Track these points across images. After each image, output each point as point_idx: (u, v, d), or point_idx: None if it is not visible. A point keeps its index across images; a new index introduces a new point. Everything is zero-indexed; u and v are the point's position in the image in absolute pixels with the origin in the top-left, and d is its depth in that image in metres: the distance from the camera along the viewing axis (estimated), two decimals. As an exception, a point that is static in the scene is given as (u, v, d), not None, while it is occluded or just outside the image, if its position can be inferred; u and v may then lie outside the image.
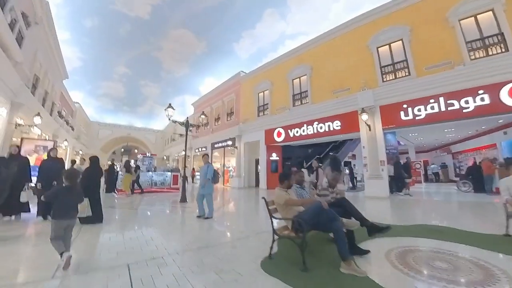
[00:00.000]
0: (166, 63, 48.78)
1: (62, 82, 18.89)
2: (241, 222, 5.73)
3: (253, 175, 16.19)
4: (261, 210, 6.60)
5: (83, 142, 27.43)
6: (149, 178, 11.61)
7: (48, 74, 14.39)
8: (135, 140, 34.70)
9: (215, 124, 19.47)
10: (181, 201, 8.22)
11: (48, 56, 13.80)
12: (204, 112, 9.81)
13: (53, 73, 15.40)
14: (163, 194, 10.97)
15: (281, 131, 13.44)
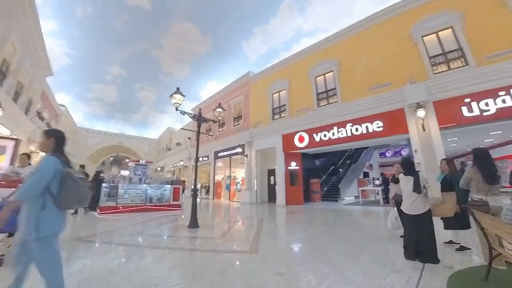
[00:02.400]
0: (166, 64, 44.32)
1: (45, 80, 16.10)
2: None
3: (266, 189, 13.60)
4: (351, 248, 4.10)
5: (69, 150, 24.13)
6: (143, 192, 8.86)
7: (26, 64, 11.68)
8: (127, 150, 31.53)
9: (219, 130, 16.98)
10: (190, 226, 5.60)
11: (26, 41, 11.16)
12: (221, 104, 7.42)
13: (33, 65, 12.68)
14: (160, 213, 8.25)
15: (304, 136, 11.10)
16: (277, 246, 4.07)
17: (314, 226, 5.82)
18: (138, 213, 8.30)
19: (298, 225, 5.95)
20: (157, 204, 9.06)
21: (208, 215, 8.30)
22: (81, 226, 5.57)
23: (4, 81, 10.00)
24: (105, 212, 7.91)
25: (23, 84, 12.13)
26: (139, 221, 6.61)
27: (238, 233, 5.15)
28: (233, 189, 15.01)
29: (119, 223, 6.22)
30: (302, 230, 5.28)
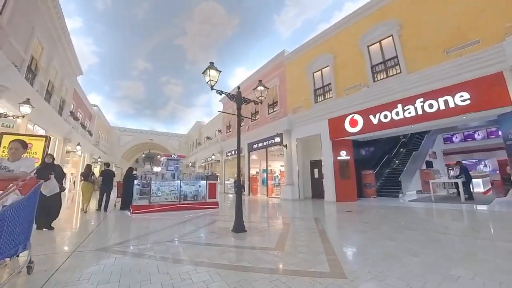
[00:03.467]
0: (190, 52, 44.04)
1: (76, 79, 16.73)
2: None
3: (309, 183, 12.36)
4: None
5: (103, 149, 25.51)
6: (177, 188, 8.30)
7: (54, 62, 11.93)
8: (157, 147, 32.53)
9: (252, 120, 16.04)
10: (235, 230, 4.71)
11: (51, 38, 11.33)
12: (262, 82, 6.36)
13: (61, 64, 13.02)
14: (196, 212, 7.59)
15: (357, 119, 9.57)
16: (369, 263, 2.91)
17: (399, 231, 4.51)
18: (172, 212, 7.74)
19: (375, 230, 4.68)
20: (192, 202, 8.44)
21: (251, 215, 7.42)
22: (111, 230, 5.02)
23: (35, 80, 10.19)
24: (137, 211, 7.48)
25: (53, 84, 12.46)
26: (174, 222, 5.94)
27: (298, 240, 4.09)
28: (271, 184, 14.03)
29: (152, 225, 5.60)
30: (387, 237, 4.02)
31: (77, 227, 5.43)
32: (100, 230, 4.96)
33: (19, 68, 8.72)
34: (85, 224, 5.69)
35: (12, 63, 7.57)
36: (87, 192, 7.94)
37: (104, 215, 7.18)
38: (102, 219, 6.21)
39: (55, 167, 4.86)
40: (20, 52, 8.68)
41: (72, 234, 4.66)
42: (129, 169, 9.02)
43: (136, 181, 7.86)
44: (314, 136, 11.23)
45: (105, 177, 8.35)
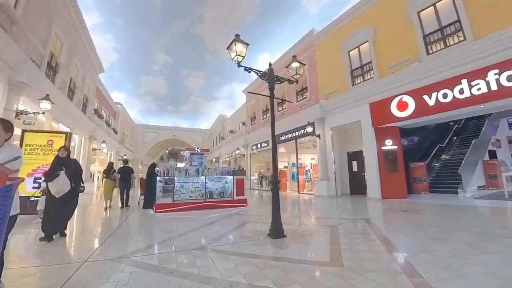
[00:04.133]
0: (210, 41, 43.39)
1: (98, 77, 17.10)
2: None
3: (346, 177, 11.28)
4: None
5: (128, 146, 26.35)
6: (202, 185, 7.83)
7: (74, 59, 12.08)
8: (181, 143, 33.02)
9: (279, 109, 15.19)
10: (273, 234, 4.01)
11: (70, 34, 11.41)
12: (297, 57, 5.51)
13: (82, 60, 13.20)
14: (224, 211, 7.05)
15: (407, 100, 8.31)
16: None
17: (491, 239, 3.50)
18: (197, 210, 7.29)
19: (455, 238, 3.69)
20: (218, 199, 7.92)
21: (286, 215, 6.70)
22: (130, 234, 4.60)
23: (56, 77, 10.30)
24: (161, 210, 7.12)
25: (75, 81, 12.67)
26: (200, 223, 5.41)
27: (357, 251, 3.27)
28: (302, 179, 13.15)
29: (176, 226, 5.11)
30: (480, 248, 3.05)
31: (96, 229, 5.11)
32: (119, 233, 4.55)
33: (39, 65, 8.78)
34: (104, 226, 5.37)
35: (30, 58, 7.54)
36: (109, 189, 8.23)
37: (126, 215, 6.92)
38: (123, 220, 5.89)
39: (70, 162, 4.22)
40: (38, 48, 8.72)
41: (88, 237, 4.29)
42: (152, 165, 8.74)
43: (159, 177, 7.51)
44: (352, 123, 10.11)
45: (123, 174, 8.42)
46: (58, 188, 3.63)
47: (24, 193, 6.91)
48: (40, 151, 7.20)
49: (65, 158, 4.20)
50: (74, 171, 4.18)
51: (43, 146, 7.22)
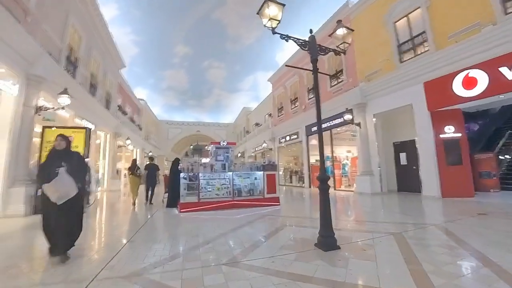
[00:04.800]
0: (231, 26, 41.50)
1: (119, 72, 17.30)
2: None
3: (393, 172, 10.05)
4: None
5: (153, 143, 26.92)
6: (229, 182, 7.25)
7: (94, 53, 12.09)
8: (205, 138, 33.17)
9: (309, 97, 14.14)
10: (324, 246, 3.24)
11: (88, 27, 11.36)
12: (342, 22, 4.60)
13: (102, 55, 13.24)
14: (254, 211, 6.40)
15: (475, 75, 6.91)
16: None
17: None
18: (225, 210, 6.73)
19: None
20: (247, 198, 7.29)
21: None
22: (151, 240, 4.09)
23: (76, 72, 10.29)
24: (185, 209, 6.66)
25: (97, 77, 12.74)
26: (229, 225, 4.79)
27: (450, 275, 2.39)
28: (338, 173, 12.09)
29: (202, 230, 4.54)
30: None
31: (114, 232, 4.72)
32: (139, 239, 4.08)
33: (57, 59, 8.73)
34: (124, 228, 4.97)
35: (46, 52, 7.42)
36: (134, 186, 8.61)
37: (148, 214, 6.57)
38: (145, 222, 5.48)
39: (72, 156, 3.21)
40: (55, 41, 8.64)
41: (102, 245, 3.85)
42: (175, 161, 8.35)
43: (183, 174, 7.05)
44: (401, 108, 8.85)
45: (149, 171, 8.70)
46: (61, 192, 2.80)
47: (47, 192, 6.85)
48: (61, 147, 7.09)
49: (63, 150, 3.17)
50: (77, 169, 3.12)
51: (64, 142, 7.10)
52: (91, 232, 4.68)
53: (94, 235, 4.51)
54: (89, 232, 4.57)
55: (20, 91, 6.82)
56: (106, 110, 13.75)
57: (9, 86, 6.56)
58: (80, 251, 3.32)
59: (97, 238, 4.27)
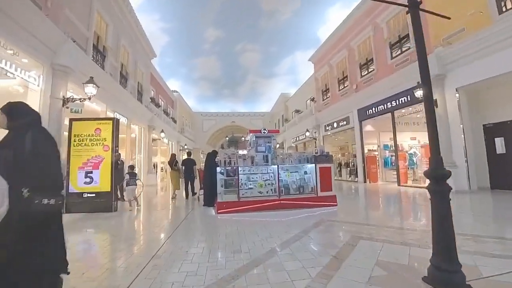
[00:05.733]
0: (265, 0, 39.80)
1: (151, 63, 17.29)
2: None
3: (484, 163, 8.08)
4: None
5: (188, 135, 27.22)
6: (273, 177, 6.29)
7: (123, 42, 11.92)
8: (240, 129, 32.78)
9: (362, 74, 12.39)
10: (439, 282, 2.07)
11: (115, 14, 11.11)
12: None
13: (131, 44, 13.07)
14: (307, 213, 5.36)
15: None
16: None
17: None
18: (270, 211, 5.78)
19: None
20: (297, 196, 6.25)
21: (409, 225, 4.62)
22: (180, 254, 3.30)
23: (105, 62, 10.12)
24: (224, 210, 5.88)
25: (127, 67, 12.62)
26: (280, 235, 3.81)
27: None
28: (403, 165, 10.32)
29: (245, 240, 3.64)
30: None
31: (139, 239, 4.06)
32: (167, 251, 3.32)
33: (84, 48, 8.53)
34: (151, 236, 4.29)
35: (70, 39, 7.12)
36: (174, 180, 9.20)
37: (185, 214, 5.95)
38: (176, 227, 4.77)
39: (16, 140, 1.65)
40: (80, 28, 8.41)
41: (123, 260, 3.15)
42: (211, 153, 7.63)
43: (219, 168, 6.25)
44: (498, 78, 6.88)
45: (186, 167, 9.00)
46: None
47: (77, 189, 6.64)
48: (88, 141, 6.80)
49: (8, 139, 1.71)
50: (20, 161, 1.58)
51: (91, 135, 6.80)
52: (113, 236, 4.10)
53: (115, 242, 3.90)
54: (112, 234, 3.98)
55: (46, 82, 6.63)
56: (139, 102, 13.72)
57: (34, 77, 6.37)
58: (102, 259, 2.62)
59: (118, 250, 3.61)
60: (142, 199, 9.40)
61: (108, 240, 4.16)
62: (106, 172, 6.69)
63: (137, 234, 4.58)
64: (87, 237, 4.41)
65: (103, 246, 3.81)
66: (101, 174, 6.68)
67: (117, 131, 6.91)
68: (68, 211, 6.45)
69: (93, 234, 4.57)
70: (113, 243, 3.93)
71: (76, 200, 6.55)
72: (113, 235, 4.41)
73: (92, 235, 4.51)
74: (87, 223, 5.31)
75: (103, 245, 3.87)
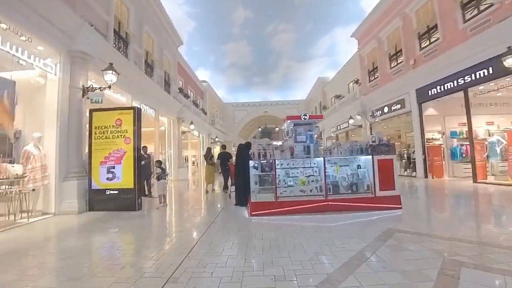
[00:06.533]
0: None
1: (178, 51, 16.99)
2: None
3: None
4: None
5: (219, 128, 27.03)
6: (318, 172, 5.35)
7: (146, 28, 11.59)
8: (273, 119, 31.85)
9: (421, 46, 10.64)
10: None
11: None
12: None
13: (155, 30, 12.71)
14: (366, 219, 4.39)
15: None
16: None
17: None
18: (316, 215, 4.88)
19: None
20: (349, 196, 5.23)
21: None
22: (204, 274, 2.58)
23: (128, 49, 9.83)
24: (258, 212, 5.11)
25: (152, 55, 12.33)
26: (337, 254, 2.90)
27: None
28: (480, 157, 8.58)
29: (289, 259, 2.81)
30: None
31: (150, 256, 3.43)
32: (186, 271, 2.62)
33: (104, 34, 8.22)
34: (168, 250, 3.65)
35: (87, 22, 6.76)
36: (208, 174, 9.33)
37: (214, 215, 5.32)
38: (203, 233, 4.09)
39: None
40: (99, 13, 8.08)
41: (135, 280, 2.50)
42: (243, 145, 6.90)
43: (252, 162, 5.46)
44: None
45: (222, 160, 9.12)
46: None
47: (99, 185, 6.36)
48: (109, 133, 6.46)
49: None
50: None
51: (112, 127, 6.44)
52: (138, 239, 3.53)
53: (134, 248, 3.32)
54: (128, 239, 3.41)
55: (64, 71, 6.35)
56: (166, 93, 13.48)
57: (50, 65, 6.11)
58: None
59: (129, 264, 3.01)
60: (168, 196, 9.12)
61: (108, 257, 3.61)
62: (129, 167, 6.32)
63: (148, 249, 3.97)
64: (101, 243, 3.93)
65: (101, 263, 3.25)
66: (123, 169, 6.34)
67: (139, 122, 6.48)
68: (92, 209, 6.26)
69: (105, 240, 4.09)
70: (112, 259, 3.36)
71: (100, 197, 6.31)
72: (118, 248, 3.86)
73: (104, 241, 4.03)
74: (108, 224, 4.93)
75: (102, 262, 3.30)
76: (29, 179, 5.57)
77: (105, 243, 4.00)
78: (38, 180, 5.71)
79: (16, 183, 5.44)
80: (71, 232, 4.61)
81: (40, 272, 2.76)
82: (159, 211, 6.23)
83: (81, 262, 3.08)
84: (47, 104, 6.30)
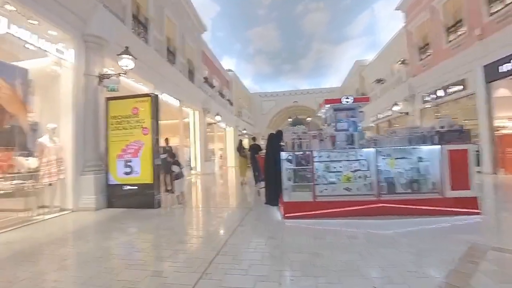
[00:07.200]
0: None
1: (201, 38, 16.52)
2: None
3: None
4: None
5: (246, 119, 26.51)
6: (367, 166, 4.48)
7: (166, 12, 11.16)
8: (304, 110, 30.71)
9: (490, 12, 9.03)
10: None
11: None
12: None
13: (177, 15, 12.27)
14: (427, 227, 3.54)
15: None
16: None
17: None
18: (363, 219, 4.03)
19: None
20: (408, 197, 4.31)
21: None
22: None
23: (147, 35, 9.46)
24: (293, 214, 4.39)
25: (174, 41, 11.95)
26: (412, 283, 2.11)
27: None
28: None
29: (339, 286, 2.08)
30: None
31: (162, 266, 2.85)
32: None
33: (122, 18, 7.86)
34: (186, 257, 3.06)
35: (101, 4, 6.39)
36: (241, 166, 10.04)
37: (241, 217, 4.76)
38: (225, 242, 3.44)
39: None
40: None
41: None
42: (274, 135, 6.15)
43: (284, 154, 4.72)
44: None
45: (253, 152, 9.17)
46: None
47: (117, 180, 6.04)
48: (126, 124, 6.09)
49: None
50: None
51: (129, 116, 6.06)
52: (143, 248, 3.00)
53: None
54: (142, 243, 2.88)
55: (79, 57, 6.06)
56: (190, 82, 13.10)
57: (62, 50, 5.82)
58: None
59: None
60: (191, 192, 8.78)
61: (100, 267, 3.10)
62: (147, 160, 5.92)
63: (158, 259, 3.42)
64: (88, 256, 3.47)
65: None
66: (142, 163, 5.95)
67: (156, 110, 6.03)
68: (111, 205, 5.99)
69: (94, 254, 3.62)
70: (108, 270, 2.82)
71: (117, 192, 6.00)
72: (122, 257, 3.34)
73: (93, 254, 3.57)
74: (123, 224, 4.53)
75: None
76: (44, 174, 5.37)
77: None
78: (54, 174, 5.49)
79: (30, 178, 5.27)
80: (85, 232, 4.33)
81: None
82: (178, 211, 5.76)
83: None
84: (62, 93, 6.09)
